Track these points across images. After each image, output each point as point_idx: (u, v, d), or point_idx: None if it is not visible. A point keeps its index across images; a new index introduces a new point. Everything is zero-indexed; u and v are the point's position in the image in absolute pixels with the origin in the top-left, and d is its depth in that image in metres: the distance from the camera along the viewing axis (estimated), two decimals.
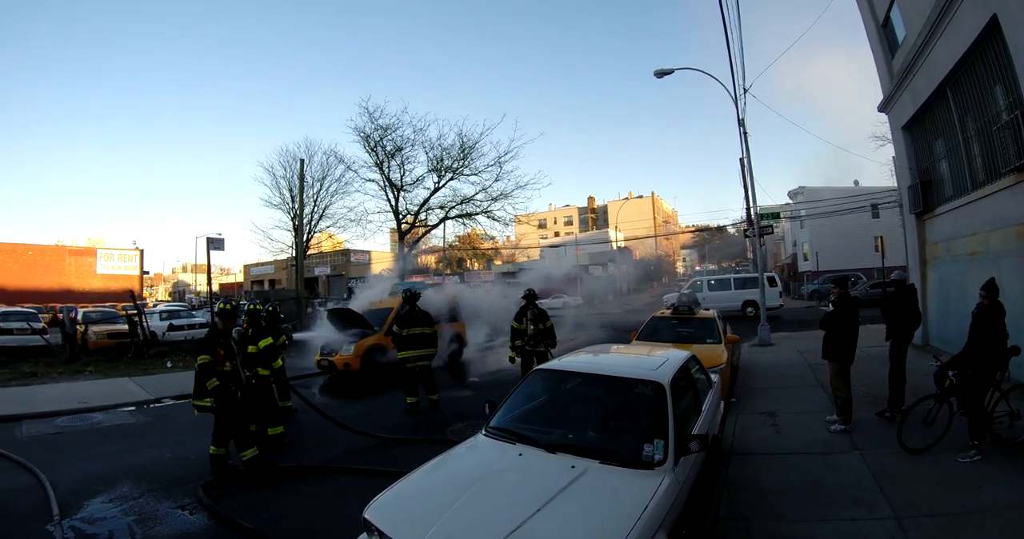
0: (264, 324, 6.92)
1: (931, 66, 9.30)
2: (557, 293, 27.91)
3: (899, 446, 4.91)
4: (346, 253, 44.26)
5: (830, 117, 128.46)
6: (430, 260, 43.30)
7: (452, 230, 29.60)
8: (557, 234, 71.83)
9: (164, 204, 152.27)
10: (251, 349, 6.53)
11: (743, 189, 15.73)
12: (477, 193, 23.85)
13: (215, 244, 11.70)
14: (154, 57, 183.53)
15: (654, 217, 69.43)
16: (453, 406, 8.04)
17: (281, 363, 7.26)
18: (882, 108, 12.52)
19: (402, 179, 24.00)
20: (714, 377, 5.53)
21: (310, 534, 4.03)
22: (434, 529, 2.65)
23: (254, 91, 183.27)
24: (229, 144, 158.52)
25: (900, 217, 15.41)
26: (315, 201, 27.36)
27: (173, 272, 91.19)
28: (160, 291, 79.29)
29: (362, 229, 39.22)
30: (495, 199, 23.60)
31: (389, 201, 24.47)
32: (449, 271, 37.28)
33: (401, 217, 24.47)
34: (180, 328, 17.71)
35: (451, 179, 23.82)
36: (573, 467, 3.15)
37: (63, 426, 7.54)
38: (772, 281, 21.75)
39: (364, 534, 2.99)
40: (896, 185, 15.26)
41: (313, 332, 12.50)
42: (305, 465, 5.50)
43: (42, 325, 16.52)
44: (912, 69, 10.10)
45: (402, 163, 23.78)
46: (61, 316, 18.12)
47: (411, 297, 8.23)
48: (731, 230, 60.26)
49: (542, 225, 62.84)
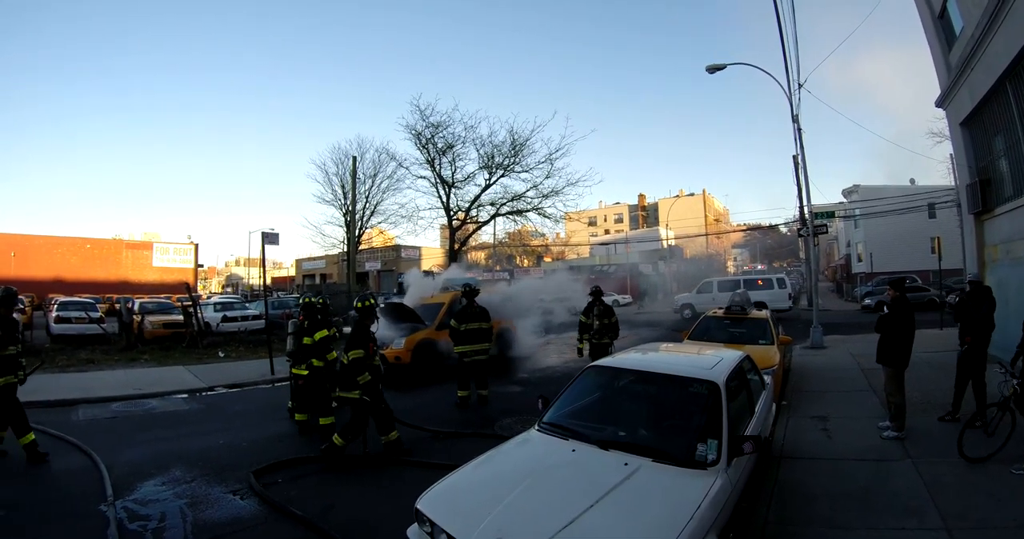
0: (319, 317, 7.09)
1: (990, 59, 8.88)
2: (607, 292, 27.84)
3: (958, 455, 4.72)
4: (397, 248, 45.04)
5: (885, 114, 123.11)
6: (480, 256, 43.46)
7: (502, 227, 29.91)
8: (607, 231, 70.60)
9: (219, 200, 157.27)
10: (306, 341, 6.72)
11: (796, 187, 15.39)
12: (528, 190, 23.60)
13: (270, 239, 12.02)
14: (212, 56, 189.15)
15: (705, 215, 67.43)
16: (502, 402, 8.09)
17: (335, 355, 7.45)
18: (939, 103, 12.03)
19: (453, 176, 23.94)
20: (767, 378, 5.44)
21: (361, 523, 4.09)
22: (487, 521, 2.68)
23: (309, 88, 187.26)
24: (283, 141, 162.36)
25: (958, 217, 14.72)
26: (367, 197, 27.86)
27: (226, 265, 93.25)
28: (214, 284, 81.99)
29: (413, 225, 39.50)
30: (546, 196, 23.37)
31: (440, 198, 24.47)
32: (499, 268, 37.28)
33: (452, 214, 24.50)
34: (233, 319, 18.40)
35: (502, 176, 23.57)
36: (626, 464, 3.16)
37: (118, 411, 7.84)
38: (781, 283, 23.21)
39: (415, 524, 3.04)
40: (954, 184, 14.60)
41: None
42: (370, 454, 5.54)
43: (99, 314, 17.32)
44: (970, 62, 9.67)
45: (453, 160, 23.75)
46: (118, 306, 18.86)
47: (470, 292, 8.26)
48: (783, 229, 58.71)
49: (592, 223, 61.84)
